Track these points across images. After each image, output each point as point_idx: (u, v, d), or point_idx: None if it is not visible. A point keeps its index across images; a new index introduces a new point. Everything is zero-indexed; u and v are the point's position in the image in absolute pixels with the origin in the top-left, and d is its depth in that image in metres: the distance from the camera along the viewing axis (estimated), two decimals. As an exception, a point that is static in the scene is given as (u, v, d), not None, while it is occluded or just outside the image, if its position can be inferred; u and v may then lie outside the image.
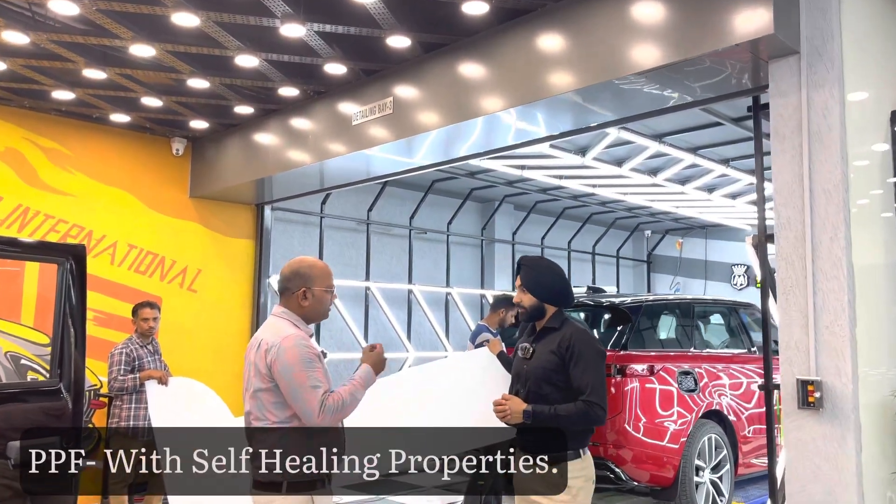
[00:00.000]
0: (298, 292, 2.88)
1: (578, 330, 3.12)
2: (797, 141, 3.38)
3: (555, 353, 3.06)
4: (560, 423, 2.96)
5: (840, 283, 3.20)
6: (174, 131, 6.81)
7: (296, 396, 2.72)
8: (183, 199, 7.11)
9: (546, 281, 3.17)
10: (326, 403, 2.70)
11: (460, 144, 5.40)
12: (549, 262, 3.30)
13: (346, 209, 8.94)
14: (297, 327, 2.86)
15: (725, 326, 7.25)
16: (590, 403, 2.94)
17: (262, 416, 2.80)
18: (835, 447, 3.14)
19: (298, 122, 6.00)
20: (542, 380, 3.06)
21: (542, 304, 3.15)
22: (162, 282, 6.88)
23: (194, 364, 6.71)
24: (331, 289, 2.95)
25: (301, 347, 2.76)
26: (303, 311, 2.90)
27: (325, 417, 2.70)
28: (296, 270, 2.92)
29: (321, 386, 2.73)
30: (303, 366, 2.73)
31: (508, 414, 3.02)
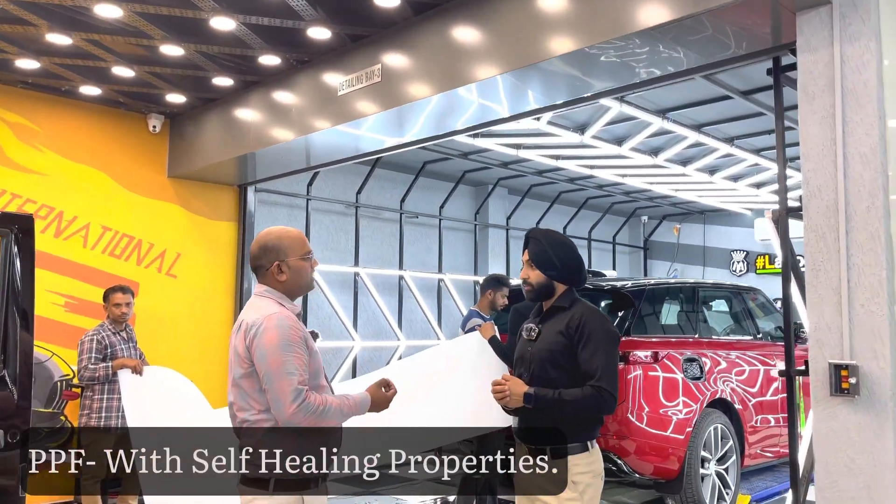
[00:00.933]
0: (272, 268, 2.58)
1: (590, 309, 2.81)
2: (829, 100, 3.05)
3: (562, 334, 2.75)
4: (564, 410, 2.66)
5: (877, 257, 2.88)
6: (150, 106, 6.42)
7: (269, 381, 2.41)
8: (161, 178, 6.73)
9: (557, 256, 2.86)
10: (306, 400, 2.38)
11: (453, 117, 5.05)
12: (561, 235, 2.99)
13: (334, 191, 8.58)
14: (282, 305, 2.55)
15: (730, 312, 6.97)
16: (599, 389, 2.64)
17: (246, 406, 2.49)
18: (871, 438, 2.83)
19: (281, 95, 5.63)
20: (547, 362, 2.75)
21: (552, 281, 2.85)
22: (139, 266, 6.51)
23: (174, 352, 6.37)
24: (308, 255, 2.64)
25: (283, 329, 2.44)
26: (283, 287, 2.59)
27: (298, 414, 2.36)
28: (264, 245, 2.61)
29: (296, 374, 2.39)
30: (281, 349, 2.41)
31: (508, 396, 2.71)
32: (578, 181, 9.71)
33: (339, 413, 2.47)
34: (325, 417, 2.42)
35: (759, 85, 5.72)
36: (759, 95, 5.96)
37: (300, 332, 2.50)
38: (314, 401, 2.40)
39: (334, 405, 2.46)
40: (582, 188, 10.16)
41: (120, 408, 5.20)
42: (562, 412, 2.66)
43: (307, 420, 2.38)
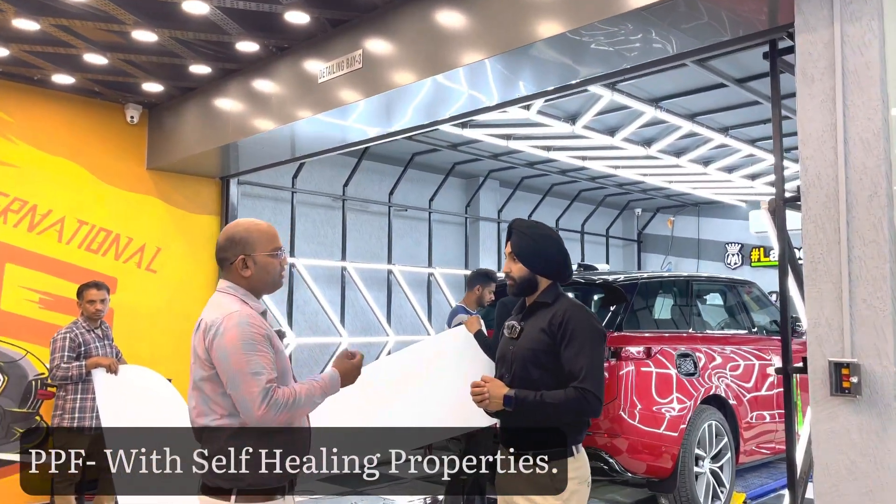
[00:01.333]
0: (237, 262, 2.40)
1: (574, 305, 2.64)
2: (829, 83, 2.89)
3: (545, 332, 2.58)
4: (547, 413, 2.49)
5: (880, 249, 2.72)
6: (127, 96, 6.22)
7: (234, 385, 2.24)
8: (139, 171, 6.53)
9: (541, 249, 2.69)
10: (274, 397, 2.22)
11: (441, 104, 4.87)
12: (546, 227, 2.81)
13: (320, 184, 8.38)
14: (244, 303, 2.37)
15: (724, 305, 6.82)
16: (583, 391, 2.47)
17: (207, 410, 2.33)
18: (874, 440, 2.67)
19: (260, 84, 5.43)
20: (529, 362, 2.58)
21: (535, 275, 2.68)
22: (117, 261, 6.31)
23: (154, 350, 6.20)
24: (276, 252, 2.45)
25: (244, 327, 2.27)
26: (248, 283, 2.41)
27: (269, 414, 2.21)
28: (230, 237, 2.44)
29: (263, 374, 2.23)
30: (244, 348, 2.24)
31: (487, 399, 2.55)
32: (570, 173, 9.53)
33: (309, 399, 2.32)
34: (297, 407, 2.28)
35: (755, 72, 5.55)
36: (755, 83, 5.79)
37: (263, 329, 2.32)
38: (282, 395, 2.25)
39: (303, 392, 2.31)
40: (574, 180, 9.99)
41: (94, 408, 5.03)
42: (544, 415, 2.50)
43: (280, 417, 2.24)
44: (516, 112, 6.28)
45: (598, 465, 5.06)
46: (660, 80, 5.82)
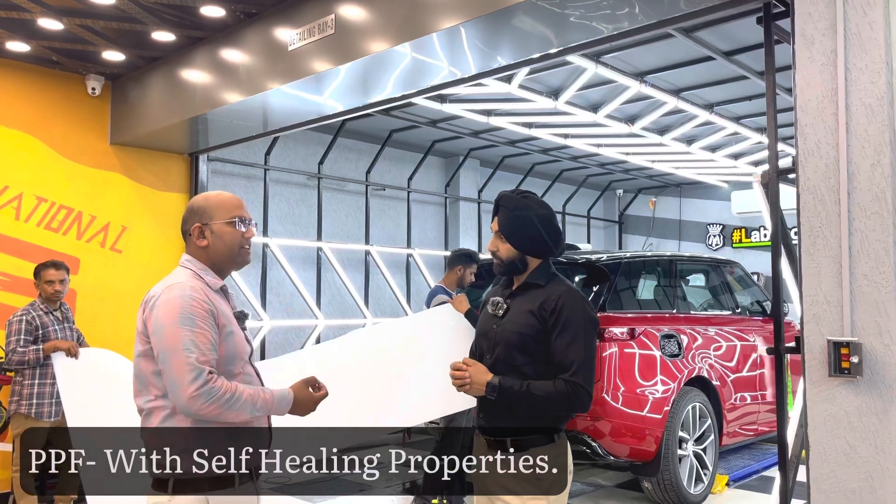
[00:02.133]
0: (193, 230, 2.21)
1: (569, 290, 2.41)
2: (829, 45, 2.71)
3: (535, 315, 2.36)
4: (533, 405, 2.29)
5: (883, 221, 2.55)
6: (88, 67, 5.89)
7: (164, 361, 2.02)
8: (102, 145, 6.22)
9: (531, 226, 2.43)
10: (210, 384, 1.98)
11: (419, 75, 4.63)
12: (536, 200, 2.52)
13: (295, 162, 8.11)
14: (198, 277, 2.16)
15: (708, 286, 6.70)
16: (574, 385, 2.27)
17: (143, 390, 2.12)
18: (875, 424, 2.53)
19: (228, 53, 5.16)
20: (515, 347, 2.36)
21: (524, 255, 2.44)
22: (79, 240, 6.02)
23: (119, 333, 5.92)
24: (234, 220, 2.22)
25: (185, 300, 2.05)
26: (206, 256, 2.20)
27: (198, 400, 1.96)
28: (189, 207, 2.26)
29: (195, 352, 1.99)
30: (180, 323, 2.02)
31: (469, 384, 2.34)
32: (552, 152, 9.34)
33: (250, 405, 2.06)
34: (233, 408, 2.02)
35: (744, 44, 5.38)
36: (742, 56, 5.62)
37: (207, 306, 2.09)
38: (220, 386, 2.00)
39: (246, 395, 2.05)
40: (556, 159, 9.80)
41: (53, 394, 4.79)
42: (529, 407, 2.30)
43: (209, 408, 1.98)
44: (497, 86, 6.06)
45: (581, 449, 4.92)
46: (645, 53, 5.64)
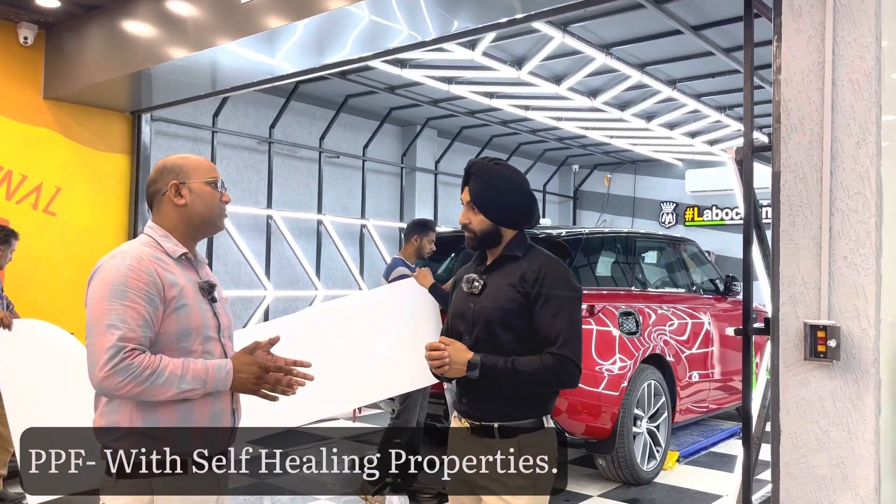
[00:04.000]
0: (169, 190, 2.00)
1: (549, 260, 2.25)
2: (818, 17, 2.60)
3: (515, 288, 2.19)
4: (518, 382, 2.11)
5: (866, 202, 2.48)
6: (19, 13, 5.43)
7: (88, 335, 1.83)
8: (35, 100, 5.78)
9: (505, 196, 2.25)
10: (129, 361, 1.77)
11: (377, 34, 4.39)
12: (509, 168, 2.33)
13: (245, 124, 7.74)
14: (156, 246, 1.96)
15: (664, 263, 6.70)
16: (562, 358, 2.11)
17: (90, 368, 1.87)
18: (848, 408, 2.48)
19: (175, 5, 4.80)
20: (497, 324, 2.18)
21: (498, 226, 2.26)
22: (9, 201, 5.60)
23: (52, 302, 5.58)
24: (215, 181, 2.05)
25: (121, 269, 1.84)
26: (183, 216, 2.01)
27: (113, 378, 1.76)
28: (162, 166, 2.06)
29: (120, 329, 1.79)
30: (109, 294, 1.82)
31: (447, 364, 2.15)
32: (511, 124, 9.18)
33: (176, 379, 1.84)
34: (155, 384, 1.81)
35: (713, 19, 5.29)
36: (710, 32, 5.54)
37: (147, 278, 1.87)
38: (139, 362, 1.79)
39: (170, 368, 1.83)
40: (515, 132, 9.65)
41: (-19, 367, 4.44)
42: (513, 385, 2.12)
43: (127, 386, 1.77)
44: (460, 52, 5.83)
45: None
46: (613, 24, 5.51)
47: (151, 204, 2.07)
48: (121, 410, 1.88)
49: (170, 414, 1.89)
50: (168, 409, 1.88)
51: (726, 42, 5.72)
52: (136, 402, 1.86)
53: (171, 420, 1.88)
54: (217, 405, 1.98)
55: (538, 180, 11.79)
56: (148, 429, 1.87)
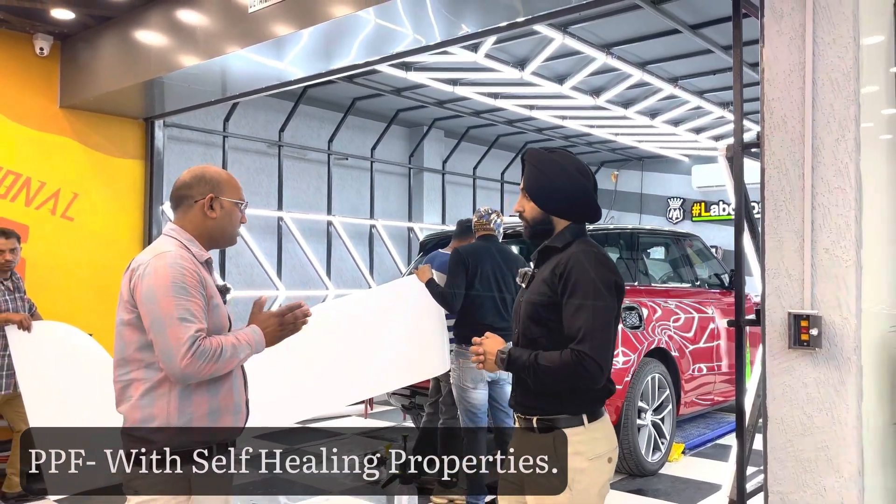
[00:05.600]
0: (204, 200, 2.16)
1: (582, 252, 2.16)
2: (798, 19, 2.70)
3: (547, 283, 2.17)
4: (539, 376, 2.11)
5: (846, 196, 2.59)
6: (36, 25, 5.61)
7: (158, 330, 1.97)
8: (52, 108, 5.96)
9: (557, 185, 2.21)
10: (200, 346, 1.95)
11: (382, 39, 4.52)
12: (566, 156, 2.29)
13: (255, 128, 7.91)
14: (185, 248, 2.11)
15: (669, 258, 6.79)
16: (579, 355, 2.03)
17: (122, 361, 2.07)
18: (832, 394, 2.58)
19: (185, 14, 4.96)
20: (530, 318, 2.20)
21: (549, 216, 2.24)
22: (28, 207, 5.79)
23: (72, 304, 5.76)
24: (241, 204, 2.24)
25: (177, 268, 2.01)
26: (207, 227, 2.18)
27: (194, 363, 1.94)
28: (200, 175, 2.20)
29: (194, 322, 1.97)
30: (174, 291, 1.98)
31: (484, 357, 2.21)
32: (517, 123, 9.30)
33: (234, 352, 2.06)
34: (223, 359, 2.02)
35: (710, 17, 5.38)
36: (708, 31, 5.63)
37: (198, 277, 2.06)
38: (208, 345, 1.99)
39: (227, 343, 2.04)
40: (521, 131, 9.76)
41: (3, 366, 4.63)
42: (536, 379, 2.12)
43: (205, 368, 1.97)
44: (463, 55, 5.97)
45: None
46: (612, 24, 5.61)
47: (178, 205, 2.20)
48: (157, 403, 2.02)
49: (201, 404, 2.05)
50: (200, 399, 2.05)
51: (724, 40, 5.82)
52: (175, 393, 2.02)
53: (203, 408, 2.05)
54: (238, 396, 2.17)
55: (545, 178, 11.88)
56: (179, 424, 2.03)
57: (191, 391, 2.04)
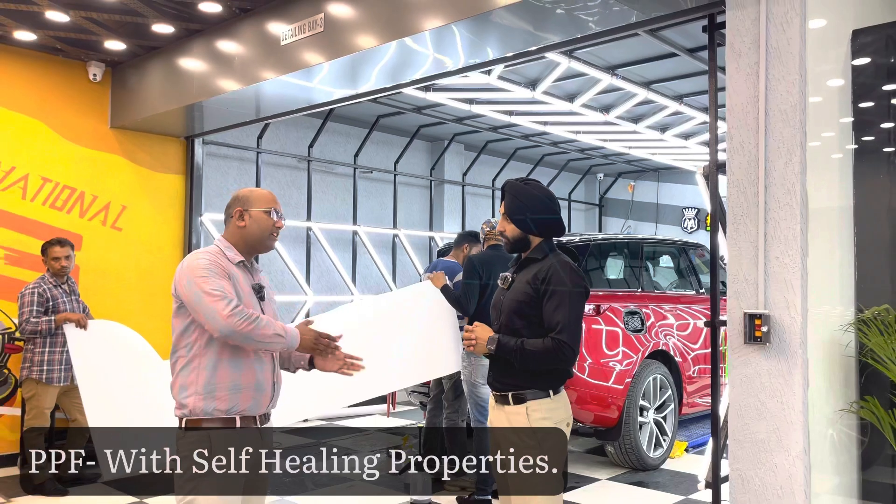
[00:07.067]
0: (234, 213, 2.65)
1: (560, 262, 2.77)
2: (753, 58, 3.12)
3: (530, 285, 2.74)
4: (525, 358, 2.67)
5: (792, 211, 2.99)
6: (90, 54, 6.22)
7: (197, 302, 2.44)
8: (103, 129, 6.56)
9: (530, 209, 2.81)
10: (241, 308, 2.43)
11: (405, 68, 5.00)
12: (537, 186, 2.89)
13: (286, 145, 8.47)
14: (221, 253, 2.61)
15: (674, 267, 7.15)
16: (559, 342, 2.63)
17: (175, 348, 2.58)
18: (781, 383, 2.98)
19: (224, 45, 5.51)
20: (514, 313, 2.77)
21: (526, 234, 2.83)
22: (82, 219, 6.39)
23: (120, 307, 6.33)
24: (271, 210, 2.67)
25: (203, 260, 2.52)
26: (242, 235, 2.65)
27: (234, 318, 2.39)
28: (234, 196, 2.72)
29: (224, 294, 2.44)
30: (203, 273, 2.47)
31: (475, 342, 2.78)
32: (533, 137, 9.74)
33: (269, 326, 2.47)
34: (259, 325, 2.43)
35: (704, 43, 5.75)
36: (703, 53, 6.01)
37: (220, 264, 2.53)
38: (243, 309, 2.43)
39: (264, 318, 2.47)
40: (537, 144, 10.20)
41: (62, 360, 5.18)
42: (522, 360, 2.67)
43: (244, 324, 2.40)
44: (477, 77, 6.43)
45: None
46: (615, 48, 6.01)
47: (225, 224, 2.73)
48: (191, 375, 2.51)
49: (224, 378, 2.50)
50: (223, 374, 2.50)
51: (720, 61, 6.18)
52: (204, 368, 2.48)
53: (225, 382, 2.50)
54: (261, 376, 2.59)
55: (564, 189, 12.29)
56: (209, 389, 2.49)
57: (216, 367, 2.49)
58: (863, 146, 3.32)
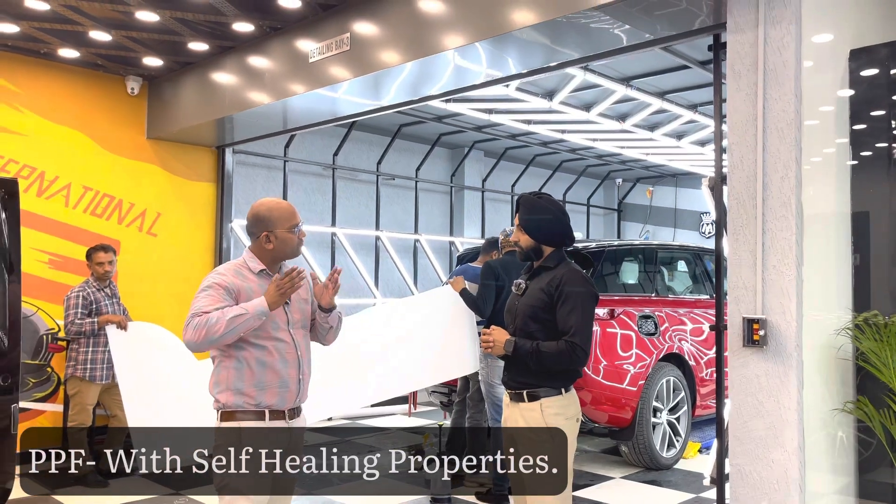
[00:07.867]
0: (261, 237, 2.85)
1: (572, 270, 2.99)
2: (752, 79, 3.33)
3: (544, 292, 2.95)
4: (541, 359, 2.87)
5: (788, 223, 3.19)
6: (128, 69, 6.57)
7: None
8: (140, 140, 6.91)
9: (543, 222, 3.03)
10: (191, 322, 2.64)
11: (426, 83, 5.26)
12: (549, 200, 3.10)
13: (312, 153, 8.78)
14: (244, 265, 2.85)
15: (689, 272, 7.31)
16: (572, 344, 2.83)
17: None
18: (777, 383, 3.18)
19: (255, 61, 5.81)
20: (529, 317, 2.97)
21: (539, 244, 3.04)
22: (120, 225, 6.73)
23: (154, 309, 6.64)
24: (294, 227, 2.86)
25: (212, 275, 2.78)
26: (268, 253, 2.86)
27: (188, 332, 2.63)
28: (255, 215, 2.88)
29: (197, 306, 2.68)
30: (200, 289, 2.74)
31: (493, 345, 3.00)
32: (551, 144, 9.95)
33: (223, 316, 2.61)
34: (211, 325, 2.59)
35: (713, 57, 5.95)
36: (715, 65, 6.19)
37: (226, 283, 2.74)
38: (197, 320, 2.62)
39: (214, 315, 2.62)
40: (555, 151, 10.40)
41: (104, 360, 5.49)
42: (538, 362, 2.87)
43: (196, 334, 2.60)
44: (495, 88, 6.65)
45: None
46: (629, 60, 6.21)
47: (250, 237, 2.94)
48: (222, 373, 2.76)
49: (250, 376, 2.74)
50: (249, 372, 2.73)
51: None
52: (231, 367, 2.73)
53: (251, 380, 2.73)
54: (285, 375, 2.80)
55: (582, 194, 12.48)
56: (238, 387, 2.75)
57: (241, 367, 2.73)
58: (860, 158, 3.51)
